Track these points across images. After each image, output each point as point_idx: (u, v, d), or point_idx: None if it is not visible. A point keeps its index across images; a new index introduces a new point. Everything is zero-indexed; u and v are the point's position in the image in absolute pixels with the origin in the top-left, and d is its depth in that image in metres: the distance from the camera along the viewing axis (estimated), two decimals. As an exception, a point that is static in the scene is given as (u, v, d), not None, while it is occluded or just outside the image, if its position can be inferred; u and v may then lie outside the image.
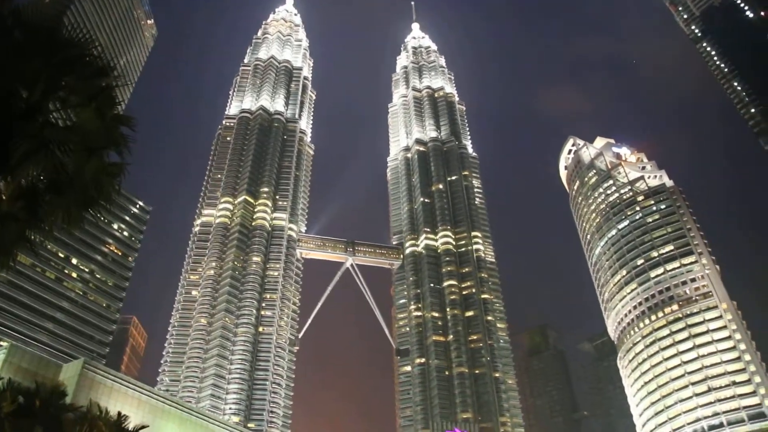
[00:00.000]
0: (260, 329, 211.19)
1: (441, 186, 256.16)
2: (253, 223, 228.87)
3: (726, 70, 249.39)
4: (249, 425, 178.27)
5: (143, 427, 38.73)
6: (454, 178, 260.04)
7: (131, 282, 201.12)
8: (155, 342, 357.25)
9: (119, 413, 37.74)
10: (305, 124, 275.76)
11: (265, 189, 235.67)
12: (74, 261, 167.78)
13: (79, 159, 13.76)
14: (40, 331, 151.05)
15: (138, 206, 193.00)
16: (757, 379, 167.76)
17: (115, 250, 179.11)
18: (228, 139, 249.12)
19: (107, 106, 14.20)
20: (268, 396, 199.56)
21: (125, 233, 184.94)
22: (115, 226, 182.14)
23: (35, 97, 13.31)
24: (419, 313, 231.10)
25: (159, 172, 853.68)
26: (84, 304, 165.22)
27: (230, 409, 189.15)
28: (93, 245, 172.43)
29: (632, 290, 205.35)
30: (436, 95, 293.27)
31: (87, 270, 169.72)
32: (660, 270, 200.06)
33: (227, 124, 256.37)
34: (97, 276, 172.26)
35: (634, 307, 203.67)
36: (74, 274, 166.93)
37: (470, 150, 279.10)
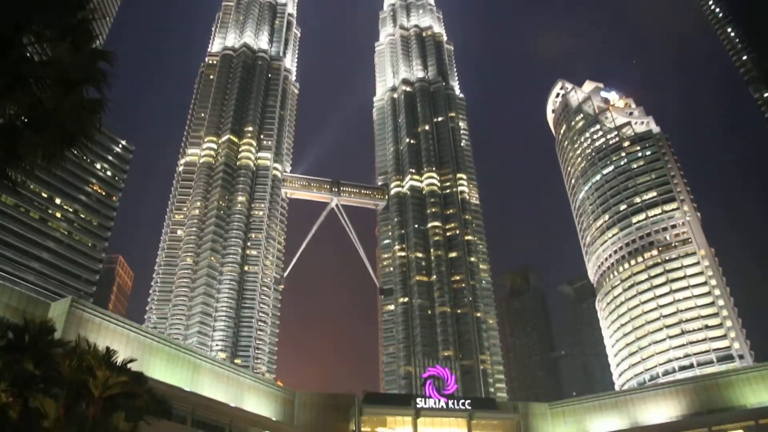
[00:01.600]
0: (246, 268, 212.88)
1: (427, 127, 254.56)
2: (237, 163, 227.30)
3: (720, 15, 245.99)
4: (236, 361, 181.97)
5: (132, 360, 39.26)
6: (440, 119, 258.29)
7: (116, 222, 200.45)
8: (142, 281, 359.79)
9: (108, 348, 38.18)
10: (290, 62, 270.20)
11: (250, 128, 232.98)
12: (58, 201, 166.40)
13: (57, 95, 13.48)
14: (27, 271, 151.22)
15: (121, 145, 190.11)
16: (728, 323, 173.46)
17: (99, 190, 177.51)
18: (211, 77, 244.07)
19: (83, 40, 13.82)
20: (254, 333, 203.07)
21: (108, 173, 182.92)
22: (98, 166, 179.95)
23: (9, 32, 12.90)
24: (403, 254, 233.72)
25: (142, 110, 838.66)
26: (69, 244, 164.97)
27: (217, 345, 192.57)
28: (76, 185, 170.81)
29: (614, 235, 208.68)
30: (423, 34, 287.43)
31: (71, 210, 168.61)
32: (642, 216, 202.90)
33: (210, 61, 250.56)
34: (82, 216, 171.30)
35: (615, 252, 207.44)
36: (58, 214, 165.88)
37: (457, 91, 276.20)
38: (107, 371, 35.18)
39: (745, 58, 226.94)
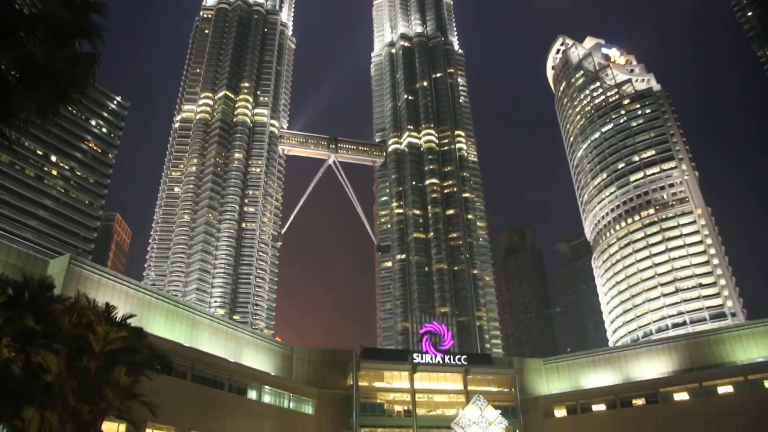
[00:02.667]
0: (243, 225, 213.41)
1: (425, 83, 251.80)
2: (234, 119, 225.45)
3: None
4: (234, 317, 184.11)
5: (131, 316, 39.53)
6: (438, 75, 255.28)
7: (113, 179, 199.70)
8: (140, 238, 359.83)
9: (107, 304, 38.38)
10: (286, 16, 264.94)
11: (246, 84, 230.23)
12: (53, 158, 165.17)
13: (49, 48, 13.12)
14: (25, 229, 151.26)
15: (116, 102, 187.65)
16: (722, 282, 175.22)
17: (95, 147, 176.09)
18: (206, 31, 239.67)
19: (75, -9, 13.37)
20: (252, 290, 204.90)
21: (104, 129, 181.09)
22: (93, 123, 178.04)
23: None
24: (401, 211, 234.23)
25: (137, 66, 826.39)
26: (66, 202, 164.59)
27: (216, 302, 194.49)
28: (72, 142, 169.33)
29: (611, 193, 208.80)
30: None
31: (67, 167, 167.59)
32: (640, 174, 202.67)
33: (205, 15, 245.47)
34: (78, 173, 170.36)
35: (612, 210, 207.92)
36: (54, 172, 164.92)
37: (456, 47, 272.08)
38: (107, 327, 35.45)
39: (750, 14, 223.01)
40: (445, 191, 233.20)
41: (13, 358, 31.06)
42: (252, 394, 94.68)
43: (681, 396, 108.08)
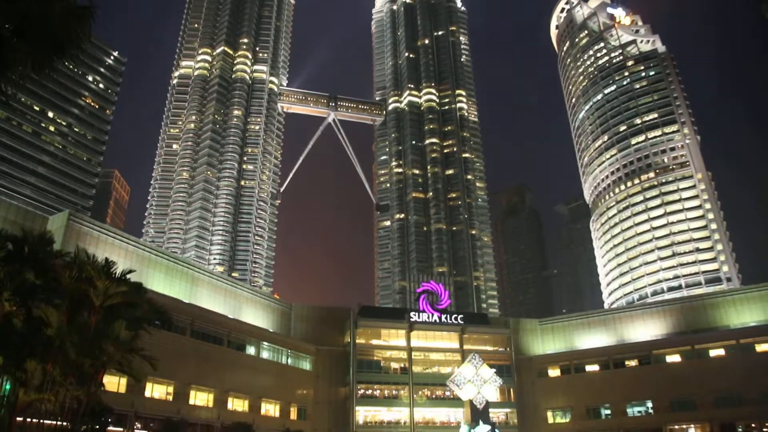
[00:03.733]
0: (242, 183, 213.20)
1: (427, 41, 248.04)
2: (232, 76, 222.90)
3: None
4: (233, 274, 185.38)
5: (131, 271, 39.73)
6: (440, 33, 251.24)
7: (111, 135, 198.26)
8: (139, 195, 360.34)
9: (106, 259, 38.53)
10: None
11: (245, 40, 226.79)
12: (50, 114, 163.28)
13: (44, 1, 12.85)
14: (23, 185, 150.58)
15: (113, 57, 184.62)
16: (719, 246, 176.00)
17: (92, 103, 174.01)
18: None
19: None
20: (251, 247, 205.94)
21: (101, 85, 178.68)
22: (90, 78, 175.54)
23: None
24: (400, 170, 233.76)
25: (134, 20, 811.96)
26: (64, 158, 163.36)
27: (215, 259, 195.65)
28: (68, 98, 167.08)
29: (612, 156, 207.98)
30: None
31: (64, 123, 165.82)
32: (641, 137, 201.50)
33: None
34: (75, 129, 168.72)
35: (612, 173, 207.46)
36: (52, 128, 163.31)
37: (459, 4, 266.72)
38: (107, 282, 35.67)
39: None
40: (445, 151, 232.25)
41: (15, 312, 31.37)
42: (251, 350, 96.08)
43: (673, 358, 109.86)
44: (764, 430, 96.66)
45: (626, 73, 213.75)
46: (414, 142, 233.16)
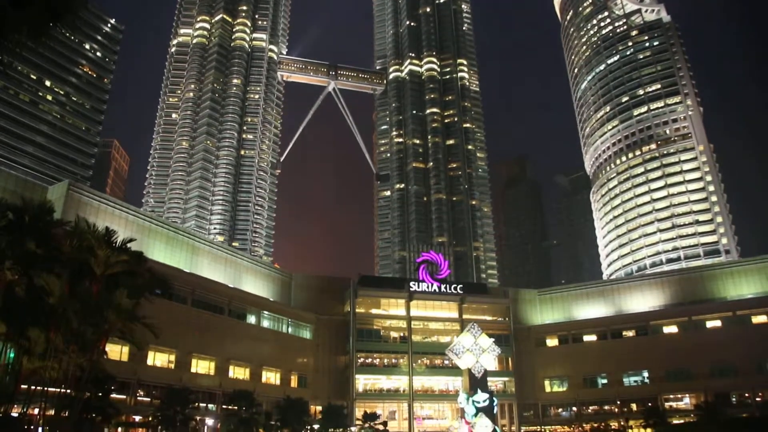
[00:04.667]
0: (242, 152, 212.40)
1: (428, 9, 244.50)
2: (231, 44, 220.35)
3: None
4: (233, 244, 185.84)
5: (131, 240, 39.75)
6: (442, 1, 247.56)
7: (110, 105, 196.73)
8: (138, 165, 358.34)
9: (107, 228, 38.52)
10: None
11: (243, 7, 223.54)
12: (48, 83, 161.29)
13: (40, -33, 12.61)
14: (22, 155, 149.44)
15: (110, 25, 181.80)
16: (719, 219, 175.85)
17: (90, 72, 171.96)
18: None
19: None
20: (251, 217, 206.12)
21: (98, 54, 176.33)
22: (87, 47, 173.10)
23: None
24: (400, 140, 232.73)
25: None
26: (63, 128, 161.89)
27: (215, 228, 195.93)
28: (66, 66, 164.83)
29: (613, 127, 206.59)
30: None
31: (62, 93, 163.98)
32: (644, 108, 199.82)
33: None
34: (73, 98, 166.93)
35: (613, 144, 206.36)
36: (49, 97, 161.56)
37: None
38: (108, 251, 35.70)
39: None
40: (446, 121, 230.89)
41: (17, 281, 31.52)
42: (251, 319, 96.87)
43: (670, 329, 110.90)
44: (758, 399, 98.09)
45: (630, 43, 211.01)
46: (414, 112, 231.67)
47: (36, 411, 39.97)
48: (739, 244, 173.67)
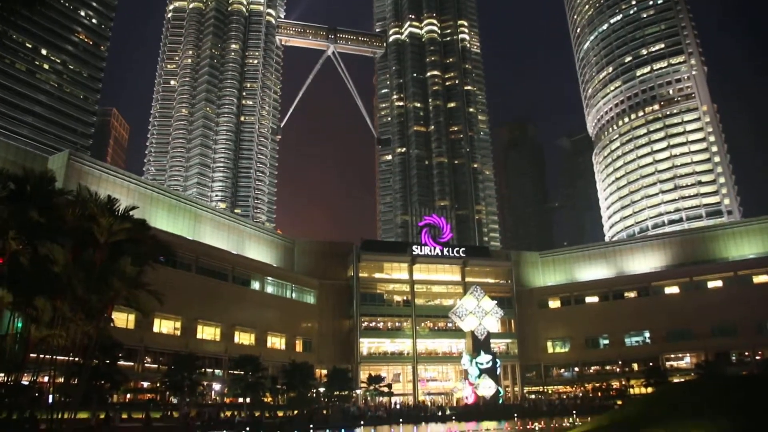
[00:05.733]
0: (242, 119, 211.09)
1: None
2: (229, 8, 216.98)
3: None
4: (236, 211, 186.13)
5: (134, 208, 39.70)
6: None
7: (107, 73, 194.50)
8: (138, 133, 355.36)
9: (109, 196, 38.42)
10: None
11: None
12: (44, 52, 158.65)
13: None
14: (22, 125, 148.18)
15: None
16: (722, 180, 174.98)
17: (86, 39, 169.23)
18: None
19: None
20: (252, 183, 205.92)
21: (94, 20, 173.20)
22: (83, 14, 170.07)
23: None
24: (401, 103, 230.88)
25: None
26: (61, 97, 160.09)
27: (217, 196, 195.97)
28: (61, 34, 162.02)
29: (616, 88, 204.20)
30: None
31: (58, 61, 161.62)
32: (647, 68, 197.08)
33: None
34: (70, 67, 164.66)
35: (616, 105, 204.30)
36: (46, 66, 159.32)
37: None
38: (110, 218, 35.64)
39: None
40: (447, 84, 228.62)
41: (21, 251, 31.62)
42: (255, 285, 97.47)
43: (672, 290, 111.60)
44: (757, 358, 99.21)
45: (633, 2, 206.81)
46: (415, 75, 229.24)
47: (46, 379, 40.58)
48: (742, 204, 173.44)
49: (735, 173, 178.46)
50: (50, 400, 37.73)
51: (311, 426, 64.77)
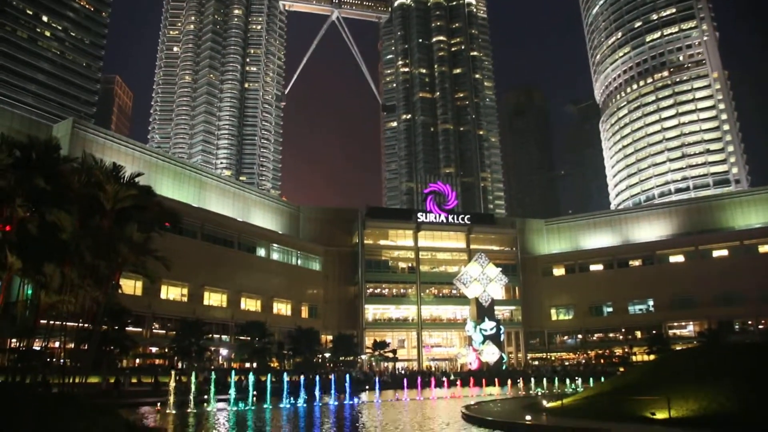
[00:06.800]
0: (246, 85, 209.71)
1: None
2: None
3: None
4: (241, 178, 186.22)
5: (139, 174, 39.68)
6: None
7: (109, 40, 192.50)
8: (142, 101, 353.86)
9: (114, 164, 38.42)
10: None
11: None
12: (45, 19, 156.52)
13: None
14: (25, 93, 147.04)
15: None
16: (730, 148, 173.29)
17: (87, 6, 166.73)
18: None
19: None
20: (257, 151, 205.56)
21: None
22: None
23: None
24: (406, 69, 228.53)
25: None
26: (63, 64, 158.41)
27: (221, 163, 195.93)
28: (62, 1, 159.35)
29: (625, 54, 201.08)
30: None
31: (60, 28, 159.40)
32: (657, 34, 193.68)
33: None
34: (72, 34, 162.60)
35: (624, 72, 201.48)
36: (47, 33, 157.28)
37: None
38: (116, 185, 35.69)
39: None
40: (453, 49, 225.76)
41: (29, 218, 31.79)
42: (261, 252, 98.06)
43: (676, 258, 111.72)
44: (760, 327, 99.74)
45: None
46: (420, 41, 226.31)
47: (57, 344, 41.17)
48: (750, 173, 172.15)
49: (744, 142, 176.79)
50: (62, 365, 38.44)
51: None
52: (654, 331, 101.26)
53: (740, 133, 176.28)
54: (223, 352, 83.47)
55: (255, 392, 45.67)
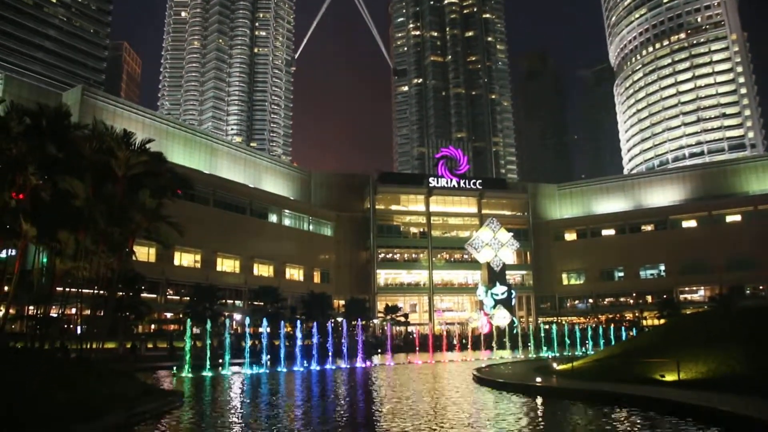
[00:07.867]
0: (255, 50, 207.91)
1: None
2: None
3: None
4: (251, 144, 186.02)
5: (150, 140, 39.71)
6: None
7: (116, 5, 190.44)
8: (151, 68, 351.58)
9: (125, 130, 38.46)
10: None
11: None
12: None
13: None
14: (33, 61, 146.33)
15: None
16: (747, 112, 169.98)
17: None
18: None
19: None
20: (268, 116, 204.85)
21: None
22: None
23: None
24: (418, 33, 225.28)
25: None
26: (70, 31, 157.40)
27: (232, 129, 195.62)
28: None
29: (641, 15, 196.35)
30: None
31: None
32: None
33: None
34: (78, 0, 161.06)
35: (640, 33, 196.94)
36: None
37: None
38: (128, 152, 35.79)
39: None
40: (464, 11, 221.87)
41: (42, 186, 32.00)
42: (273, 218, 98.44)
43: (689, 223, 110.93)
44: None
45: None
46: (432, 2, 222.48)
47: (73, 311, 41.91)
48: (767, 138, 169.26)
49: (761, 105, 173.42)
50: (79, 331, 39.16)
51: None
52: (665, 296, 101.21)
53: (758, 97, 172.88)
54: (237, 317, 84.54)
55: (269, 356, 46.39)
